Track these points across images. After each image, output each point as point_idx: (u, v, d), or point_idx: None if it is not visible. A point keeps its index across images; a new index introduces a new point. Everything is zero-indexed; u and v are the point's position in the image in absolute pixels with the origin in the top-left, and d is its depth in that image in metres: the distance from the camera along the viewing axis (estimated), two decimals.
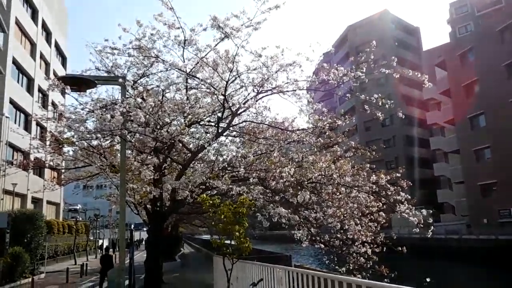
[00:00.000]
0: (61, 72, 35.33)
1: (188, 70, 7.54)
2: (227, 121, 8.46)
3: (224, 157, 9.63)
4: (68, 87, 6.24)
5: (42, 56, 32.91)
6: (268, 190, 7.32)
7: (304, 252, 38.09)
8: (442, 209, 44.34)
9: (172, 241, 26.29)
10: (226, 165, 8.87)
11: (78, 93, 8.03)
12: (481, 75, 35.96)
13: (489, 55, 35.17)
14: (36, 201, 30.42)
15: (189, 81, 8.50)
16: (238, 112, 8.14)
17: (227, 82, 6.85)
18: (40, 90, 30.74)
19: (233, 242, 5.94)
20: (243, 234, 5.75)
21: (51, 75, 30.78)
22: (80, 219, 38.68)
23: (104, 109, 7.67)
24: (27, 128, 27.63)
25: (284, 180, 7.10)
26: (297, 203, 7.59)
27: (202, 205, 7.23)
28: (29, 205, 27.78)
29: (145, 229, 13.73)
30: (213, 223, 6.19)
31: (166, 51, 7.71)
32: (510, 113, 32.18)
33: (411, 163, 47.12)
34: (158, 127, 7.03)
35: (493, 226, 31.42)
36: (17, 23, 28.17)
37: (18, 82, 28.69)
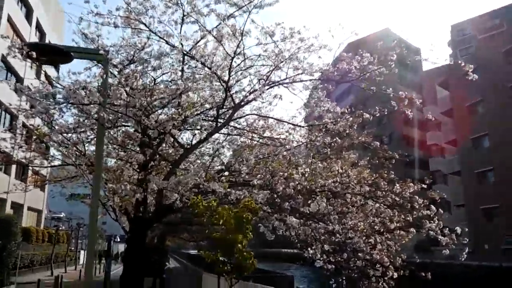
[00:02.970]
0: (53, 75, 34.00)
1: (187, 49, 6.32)
2: (228, 115, 7.21)
3: (222, 157, 8.33)
4: (34, 53, 4.97)
5: None
6: (275, 196, 5.99)
7: (296, 273, 36.33)
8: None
9: (157, 255, 24.52)
10: (224, 168, 7.60)
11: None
12: (484, 96, 35.30)
13: (492, 76, 34.58)
14: (17, 207, 28.62)
15: (187, 69, 7.28)
16: (242, 103, 6.90)
17: (232, 58, 5.60)
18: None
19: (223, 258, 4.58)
20: (246, 247, 4.41)
21: (42, 77, 29.38)
22: (63, 228, 36.64)
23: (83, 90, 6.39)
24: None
25: (297, 183, 5.78)
26: (308, 213, 6.26)
27: (192, 214, 5.90)
28: (8, 211, 26.03)
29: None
30: (206, 230, 4.82)
31: (162, 27, 6.52)
32: None
33: None
34: (145, 112, 5.73)
35: (495, 253, 30.08)
36: (10, 20, 27.08)
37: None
